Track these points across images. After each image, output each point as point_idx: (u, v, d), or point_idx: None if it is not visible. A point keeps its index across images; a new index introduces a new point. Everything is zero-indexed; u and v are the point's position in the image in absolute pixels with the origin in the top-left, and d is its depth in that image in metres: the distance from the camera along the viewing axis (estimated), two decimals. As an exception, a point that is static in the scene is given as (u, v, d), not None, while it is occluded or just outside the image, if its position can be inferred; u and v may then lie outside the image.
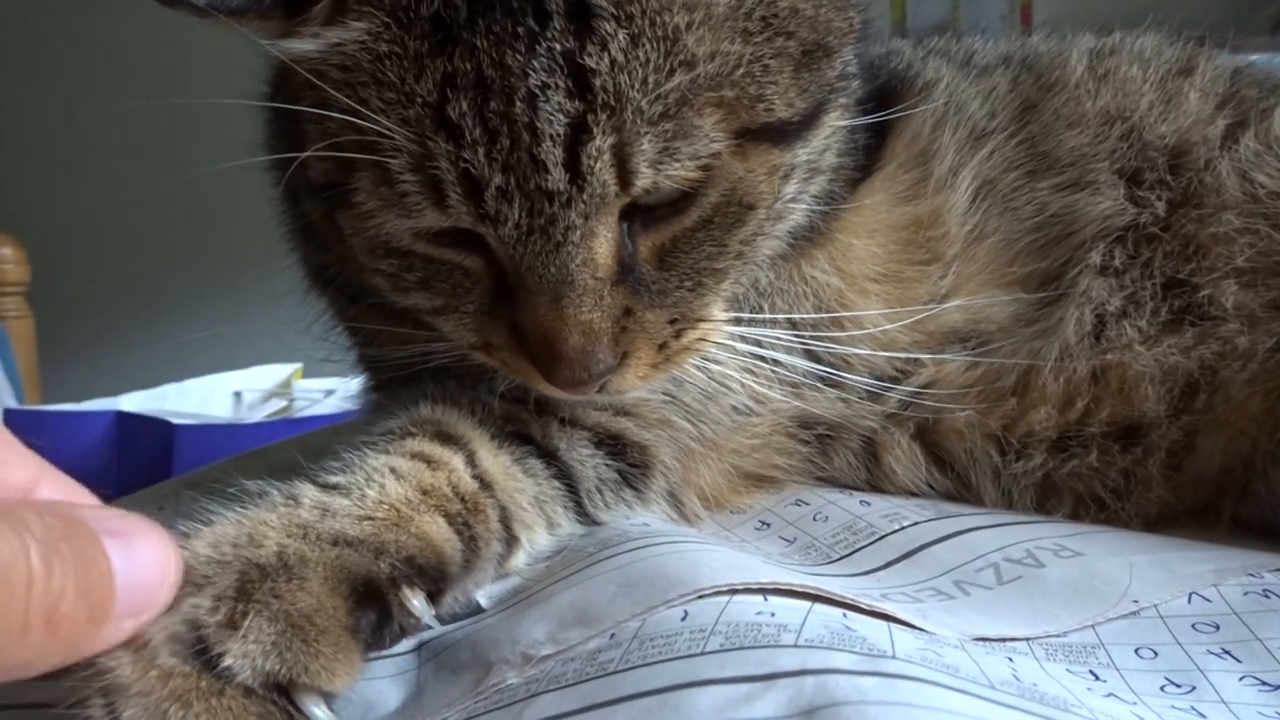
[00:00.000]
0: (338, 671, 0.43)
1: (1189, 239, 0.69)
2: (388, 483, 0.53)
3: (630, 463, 0.68)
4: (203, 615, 0.42)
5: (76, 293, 2.93)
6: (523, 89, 0.49)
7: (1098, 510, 0.68)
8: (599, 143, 0.49)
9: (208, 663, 0.41)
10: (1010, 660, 0.47)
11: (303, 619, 0.43)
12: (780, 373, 0.69)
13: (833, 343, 0.69)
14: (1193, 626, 0.51)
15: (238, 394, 2.24)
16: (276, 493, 0.51)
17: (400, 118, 0.50)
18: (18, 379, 2.24)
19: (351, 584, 0.46)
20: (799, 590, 0.50)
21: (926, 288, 0.71)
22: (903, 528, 0.63)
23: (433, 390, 0.64)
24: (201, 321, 2.85)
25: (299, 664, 0.42)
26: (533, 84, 0.49)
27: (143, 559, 0.39)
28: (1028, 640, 0.51)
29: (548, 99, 0.49)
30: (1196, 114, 0.73)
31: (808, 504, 0.69)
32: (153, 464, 1.69)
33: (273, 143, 0.65)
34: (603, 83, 0.49)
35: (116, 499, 0.87)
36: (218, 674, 0.41)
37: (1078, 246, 0.70)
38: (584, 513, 0.66)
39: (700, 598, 0.48)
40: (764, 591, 0.49)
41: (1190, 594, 0.53)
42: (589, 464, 0.66)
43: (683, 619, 0.47)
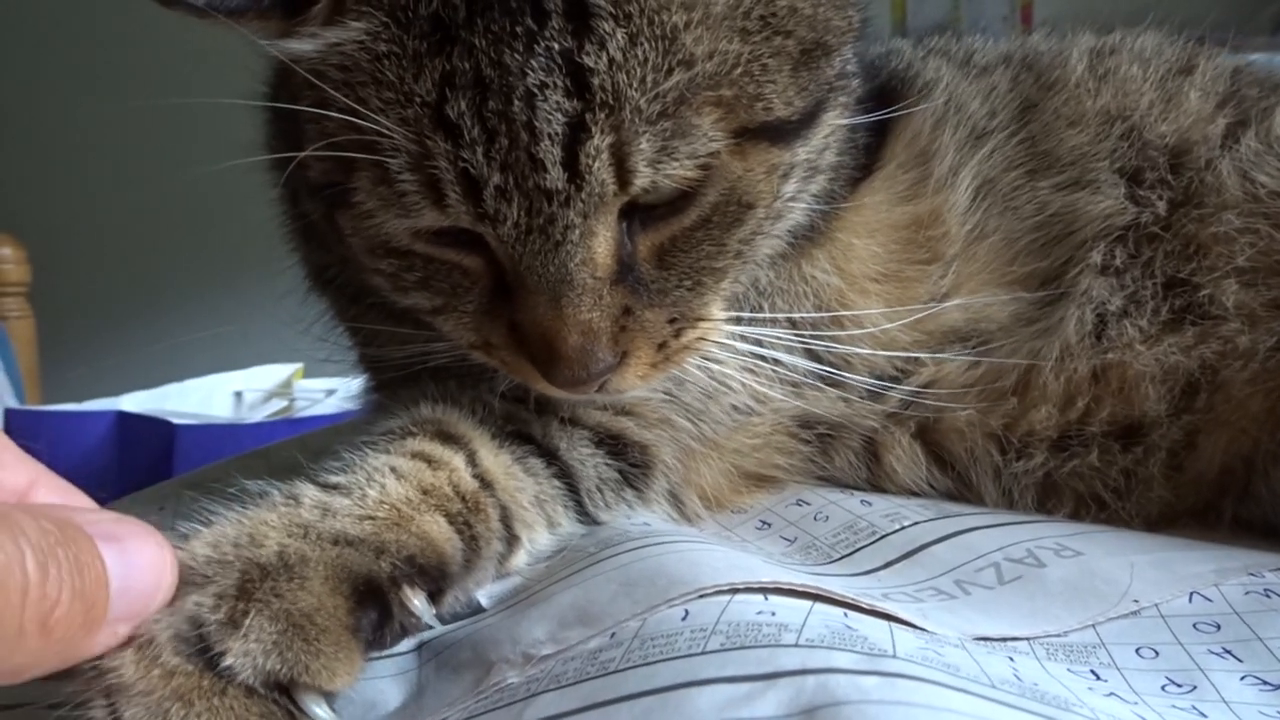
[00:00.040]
0: (338, 671, 0.43)
1: (1190, 238, 0.69)
2: (388, 482, 0.53)
3: (631, 462, 0.68)
4: (205, 613, 0.42)
5: (77, 293, 2.93)
6: (521, 88, 0.49)
7: (1098, 510, 0.68)
8: (597, 142, 0.49)
9: (210, 662, 0.41)
10: (1011, 660, 0.47)
11: (303, 618, 0.43)
12: (781, 372, 0.69)
13: (833, 342, 0.69)
14: (1194, 626, 0.51)
15: (238, 394, 2.24)
16: (277, 493, 0.51)
17: (399, 117, 0.50)
18: (18, 379, 2.24)
19: (352, 583, 0.46)
20: (800, 590, 0.50)
21: (927, 287, 0.71)
22: (903, 527, 0.63)
23: (433, 390, 0.64)
24: (202, 321, 2.85)
25: (300, 663, 0.42)
26: (531, 83, 0.49)
27: (138, 563, 0.39)
28: (1029, 640, 0.50)
29: (546, 98, 0.49)
30: (1197, 113, 0.72)
31: (809, 504, 0.69)
32: (153, 464, 1.69)
33: (272, 143, 0.65)
34: (601, 82, 0.49)
35: (117, 499, 0.87)
36: (219, 673, 0.41)
37: (1078, 246, 0.70)
38: (584, 512, 0.66)
39: (701, 597, 0.48)
40: (765, 591, 0.49)
41: (1191, 593, 0.53)
42: (589, 463, 0.66)
43: (683, 618, 0.47)
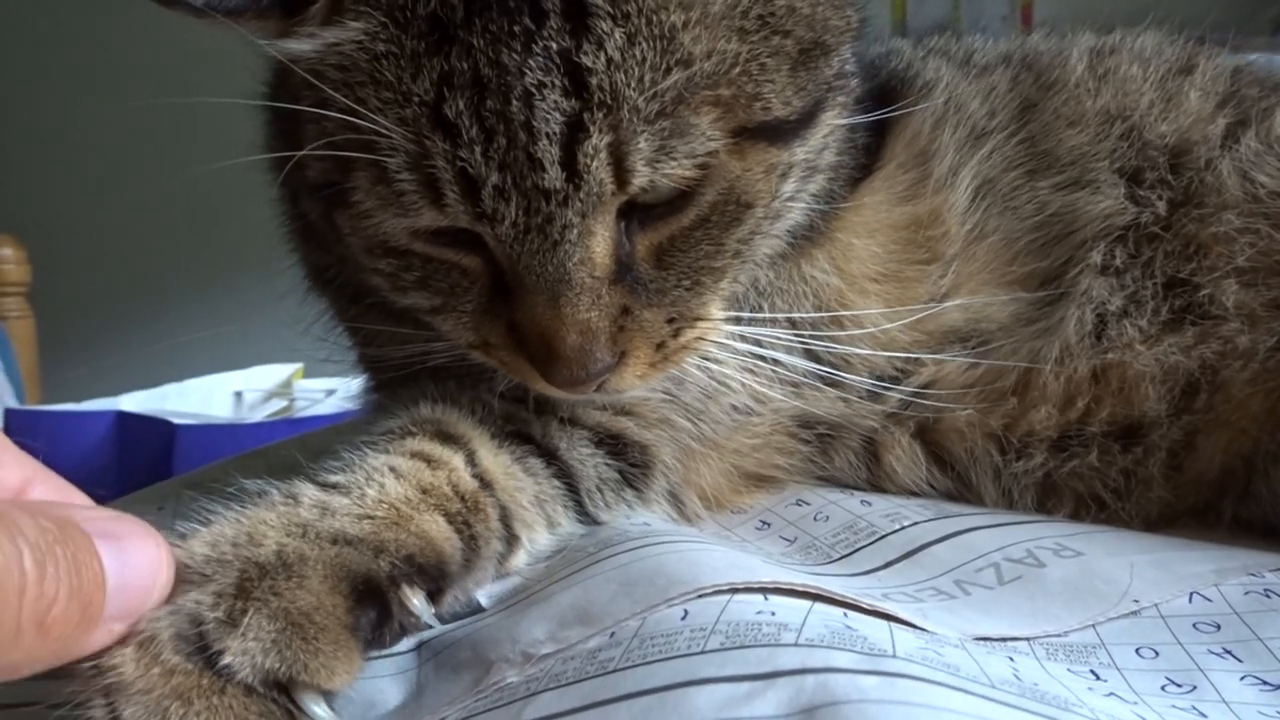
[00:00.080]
0: (337, 670, 0.43)
1: (1190, 238, 0.69)
2: (387, 482, 0.53)
3: (631, 462, 0.68)
4: (204, 611, 0.42)
5: (77, 293, 2.93)
6: (519, 88, 0.49)
7: (1098, 510, 0.68)
8: (595, 141, 0.49)
9: (209, 660, 0.41)
10: (1011, 660, 0.47)
11: (302, 617, 0.43)
12: (780, 372, 0.68)
13: (833, 342, 0.69)
14: (1194, 626, 0.51)
15: (238, 394, 2.24)
16: (276, 492, 0.51)
17: (397, 117, 0.50)
18: (18, 379, 2.25)
19: (351, 582, 0.46)
20: (800, 590, 0.50)
21: (926, 287, 0.71)
22: (903, 527, 0.63)
23: (433, 390, 0.64)
24: (202, 321, 2.85)
25: (299, 662, 0.42)
26: (529, 83, 0.49)
27: (135, 562, 0.39)
28: (1029, 640, 0.50)
29: (544, 97, 0.49)
30: (1197, 113, 0.72)
31: (808, 504, 0.69)
32: (153, 464, 1.69)
33: (272, 143, 0.65)
34: (599, 81, 0.49)
35: (117, 499, 0.87)
36: (218, 672, 0.41)
37: (1078, 246, 0.70)
38: (584, 512, 0.66)
39: (700, 597, 0.48)
40: (764, 591, 0.49)
41: (1191, 593, 0.53)
42: (589, 463, 0.66)
43: (683, 618, 0.46)
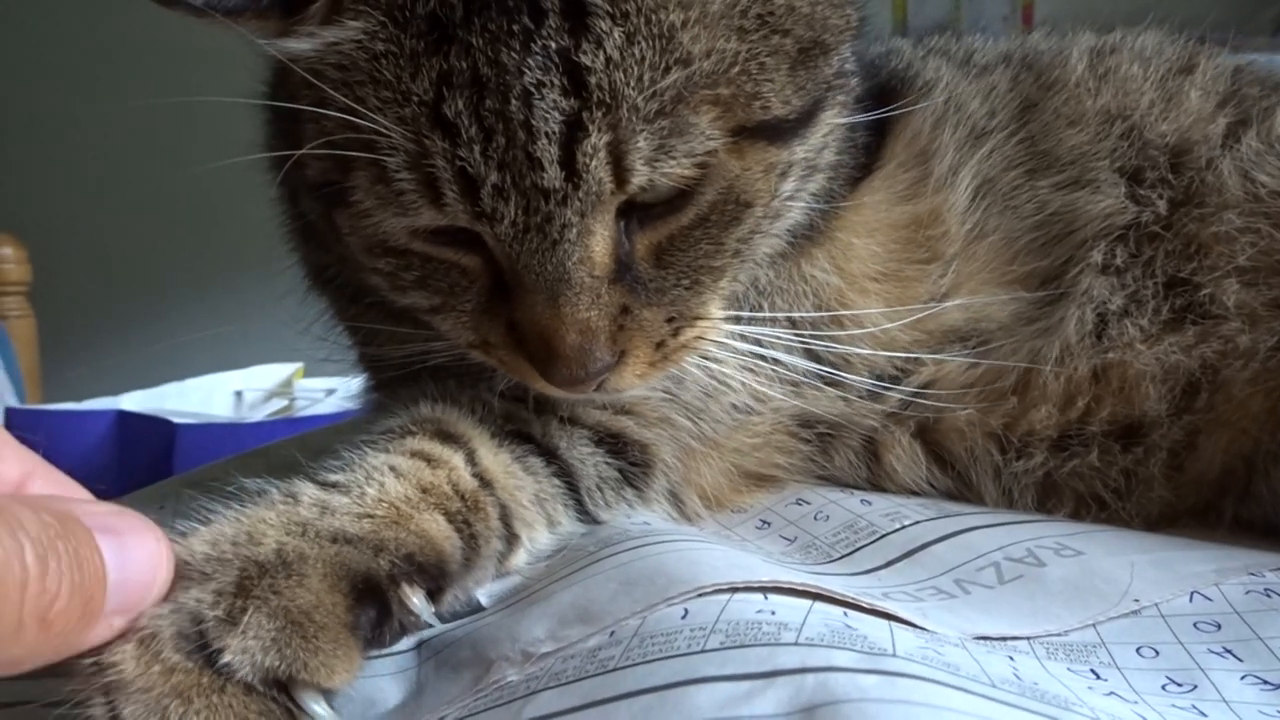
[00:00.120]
0: (337, 668, 0.43)
1: (1191, 238, 0.69)
2: (387, 481, 0.53)
3: (631, 461, 0.68)
4: (205, 610, 0.42)
5: (77, 292, 2.94)
6: (518, 87, 0.49)
7: (1099, 510, 0.68)
8: (594, 140, 0.49)
9: (209, 659, 0.41)
10: (1011, 659, 0.47)
11: (302, 615, 0.43)
12: (780, 371, 0.68)
13: (833, 341, 0.69)
14: (1194, 625, 0.51)
15: (239, 393, 2.24)
16: (276, 491, 0.51)
17: (397, 116, 0.50)
18: (19, 378, 2.25)
19: (351, 581, 0.46)
20: (800, 589, 0.50)
21: (926, 287, 0.70)
22: (904, 527, 0.63)
23: (433, 389, 0.64)
24: (202, 321, 2.85)
25: (298, 660, 0.42)
26: (528, 82, 0.49)
27: (135, 557, 0.39)
28: (1029, 639, 0.50)
29: (543, 97, 0.49)
30: (1198, 112, 0.72)
31: (809, 503, 0.69)
32: (154, 463, 1.69)
33: (272, 142, 0.65)
34: (598, 80, 0.49)
35: (117, 498, 0.86)
36: (218, 670, 0.41)
37: (1079, 245, 0.70)
38: (584, 511, 0.66)
39: (701, 596, 0.48)
40: (764, 590, 0.49)
41: (1192, 593, 0.53)
42: (589, 462, 0.66)
43: (683, 617, 0.46)
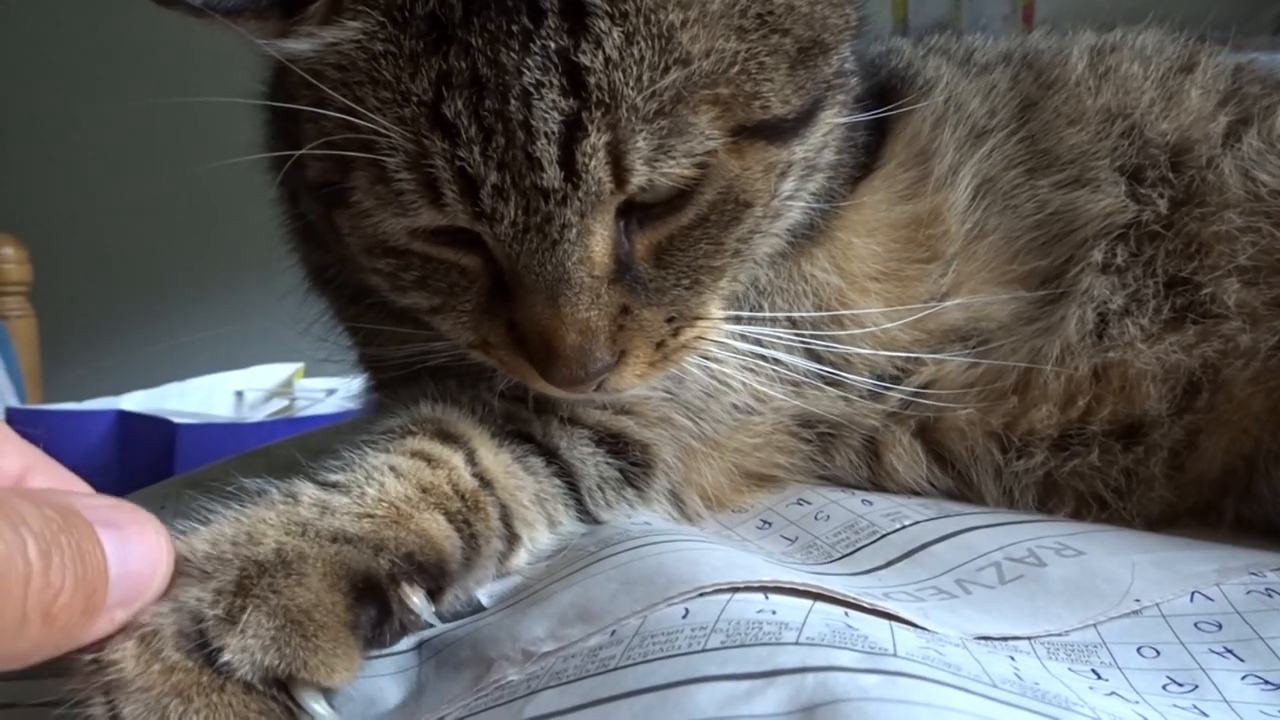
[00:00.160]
0: (337, 667, 0.43)
1: (1191, 237, 0.69)
2: (387, 480, 0.53)
3: (632, 461, 0.68)
4: (205, 609, 0.42)
5: (78, 292, 2.94)
6: (517, 87, 0.49)
7: (1099, 509, 0.68)
8: (594, 140, 0.49)
9: (209, 658, 0.41)
10: (1012, 659, 0.47)
11: (301, 614, 0.43)
12: (781, 371, 0.68)
13: (833, 341, 0.69)
14: (1195, 625, 0.51)
15: (239, 393, 2.24)
16: (275, 491, 0.51)
17: (396, 116, 0.50)
18: (20, 378, 2.25)
19: (351, 580, 0.46)
20: (800, 589, 0.50)
21: (927, 286, 0.70)
22: (904, 526, 0.63)
23: (433, 389, 0.64)
24: (203, 321, 2.85)
25: (298, 659, 0.42)
26: (527, 82, 0.49)
27: (136, 550, 0.39)
28: (1030, 639, 0.50)
29: (542, 97, 0.49)
30: (1198, 111, 0.72)
31: (809, 503, 0.69)
32: (154, 463, 1.69)
33: (271, 142, 0.65)
34: (597, 80, 0.48)
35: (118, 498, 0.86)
36: (218, 669, 0.41)
37: (1079, 244, 0.70)
38: (585, 511, 0.66)
39: (701, 595, 0.48)
40: (765, 590, 0.49)
41: (1193, 593, 0.53)
42: (590, 462, 0.66)
43: (684, 616, 0.46)
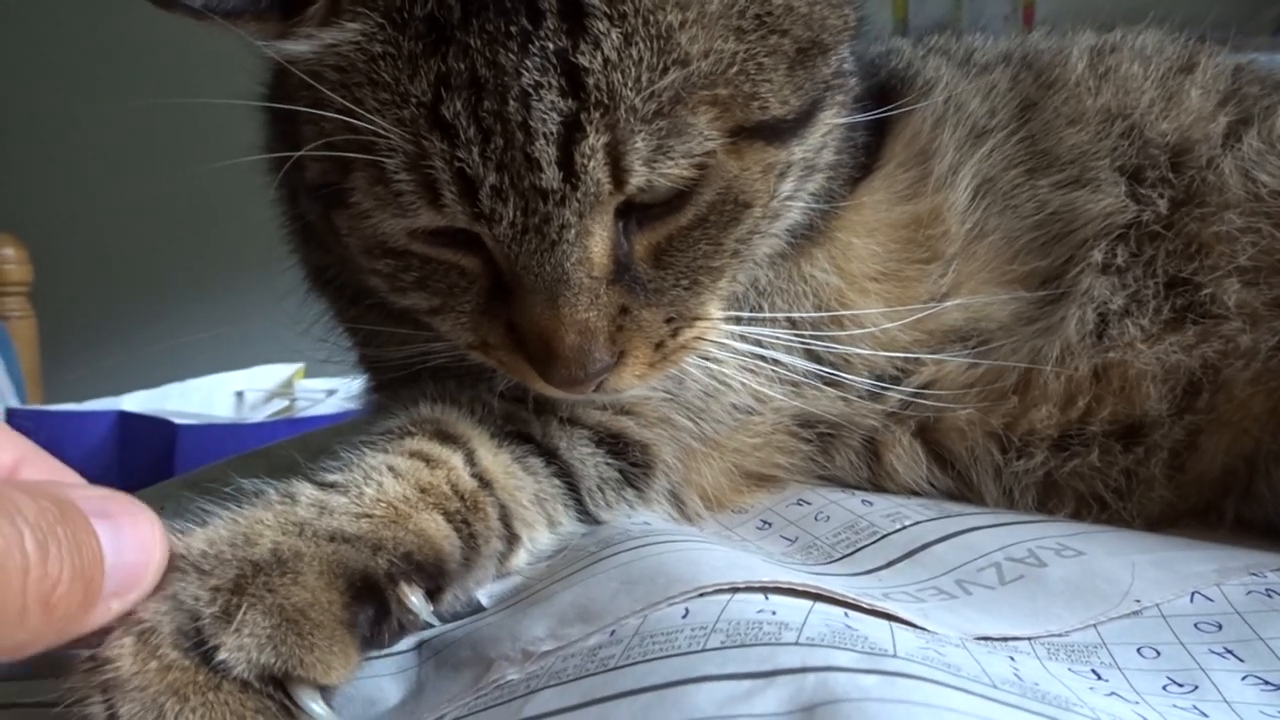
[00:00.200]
0: (333, 665, 0.43)
1: (1191, 237, 0.69)
2: (386, 481, 0.52)
3: (631, 461, 0.68)
4: (201, 607, 0.42)
5: (78, 293, 2.94)
6: (516, 88, 0.49)
7: (1100, 510, 0.68)
8: (592, 141, 0.49)
9: (205, 656, 0.41)
10: (1012, 659, 0.47)
11: (297, 612, 0.43)
12: (780, 372, 0.68)
13: (833, 342, 0.69)
14: (1195, 626, 0.51)
15: (240, 394, 2.25)
16: (273, 491, 0.51)
17: (395, 117, 0.50)
18: (20, 379, 2.25)
19: (348, 579, 0.46)
20: (800, 589, 0.50)
21: (927, 286, 0.70)
22: (904, 527, 0.63)
23: (432, 390, 0.64)
24: (203, 322, 2.85)
25: (294, 657, 0.42)
26: (526, 83, 0.49)
27: (130, 540, 0.39)
28: (1030, 639, 0.50)
29: (541, 98, 0.49)
30: (1198, 111, 0.72)
31: (809, 503, 0.69)
32: (155, 464, 1.69)
33: (271, 143, 0.65)
34: (596, 81, 0.48)
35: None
36: (214, 667, 0.41)
37: (1079, 245, 0.70)
38: (585, 511, 0.65)
39: (701, 596, 0.48)
40: (765, 590, 0.49)
41: (1193, 593, 0.53)
42: (589, 463, 0.66)
43: (684, 616, 0.46)
